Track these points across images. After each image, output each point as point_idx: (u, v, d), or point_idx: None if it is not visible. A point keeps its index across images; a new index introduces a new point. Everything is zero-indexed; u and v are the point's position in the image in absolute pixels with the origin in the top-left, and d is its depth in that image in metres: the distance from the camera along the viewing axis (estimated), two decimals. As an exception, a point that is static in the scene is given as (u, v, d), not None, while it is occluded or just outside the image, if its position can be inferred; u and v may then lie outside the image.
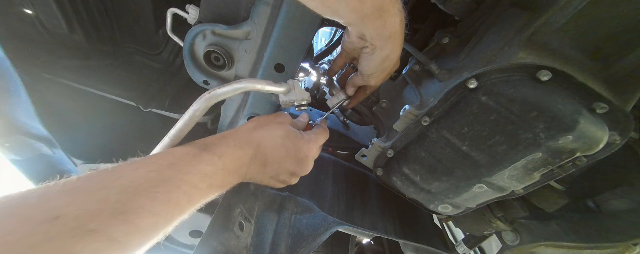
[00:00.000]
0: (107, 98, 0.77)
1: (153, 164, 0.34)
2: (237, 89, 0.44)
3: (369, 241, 1.57)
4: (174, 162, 0.35)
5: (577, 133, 0.44)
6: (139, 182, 0.30)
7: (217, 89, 0.42)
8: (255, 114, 0.71)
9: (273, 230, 0.79)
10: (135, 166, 0.32)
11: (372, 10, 0.41)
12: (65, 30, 0.76)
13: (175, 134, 0.42)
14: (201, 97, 0.42)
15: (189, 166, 0.36)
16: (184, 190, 0.34)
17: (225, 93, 0.43)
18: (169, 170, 0.34)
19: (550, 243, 0.68)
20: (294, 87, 0.49)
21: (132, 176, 0.31)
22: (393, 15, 0.43)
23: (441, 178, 0.62)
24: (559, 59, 0.48)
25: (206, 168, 0.38)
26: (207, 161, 0.38)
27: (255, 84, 0.45)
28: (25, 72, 0.63)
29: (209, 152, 0.40)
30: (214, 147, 0.41)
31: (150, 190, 0.31)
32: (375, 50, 0.49)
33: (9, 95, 0.62)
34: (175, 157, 0.36)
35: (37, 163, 0.77)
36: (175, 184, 0.33)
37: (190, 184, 0.35)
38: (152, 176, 0.32)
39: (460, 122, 0.54)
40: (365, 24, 0.43)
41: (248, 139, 0.46)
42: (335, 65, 0.65)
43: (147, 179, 0.31)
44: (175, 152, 0.38)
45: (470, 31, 0.65)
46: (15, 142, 0.70)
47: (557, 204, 0.65)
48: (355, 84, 0.61)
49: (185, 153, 0.38)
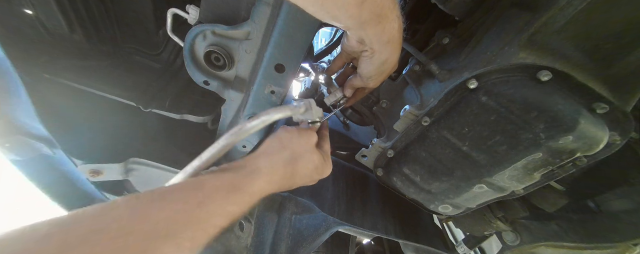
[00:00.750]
0: (107, 98, 0.77)
1: (180, 202, 0.31)
2: (265, 120, 0.44)
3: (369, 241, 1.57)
4: (203, 201, 0.33)
5: (577, 133, 0.44)
6: (164, 226, 0.28)
7: (247, 124, 0.43)
8: (256, 113, 0.71)
9: (273, 230, 0.79)
10: (160, 205, 0.30)
11: (370, 17, 0.41)
12: (65, 30, 0.76)
13: (199, 166, 0.41)
14: (230, 133, 0.42)
15: (218, 207, 0.34)
16: (208, 232, 0.33)
17: (254, 126, 0.43)
18: (197, 211, 0.32)
19: (550, 243, 0.68)
20: (310, 107, 0.50)
21: (158, 217, 0.28)
22: (391, 21, 0.44)
23: (441, 178, 0.62)
24: (559, 59, 0.48)
25: (235, 209, 0.36)
26: (237, 202, 0.37)
27: (278, 113, 0.46)
28: (25, 72, 0.63)
29: (242, 191, 0.38)
30: (247, 184, 0.39)
31: (176, 236, 0.29)
32: (374, 54, 0.50)
33: (9, 95, 0.62)
34: (205, 194, 0.34)
35: (37, 163, 0.77)
36: (201, 227, 0.32)
37: (215, 226, 0.34)
38: (179, 219, 0.30)
39: (460, 122, 0.54)
40: (364, 29, 0.44)
41: (283, 174, 0.45)
42: (334, 65, 0.66)
43: (173, 222, 0.29)
44: (204, 187, 0.35)
45: (470, 31, 0.65)
46: (15, 142, 0.70)
47: (557, 204, 0.65)
48: (354, 85, 0.62)
49: (216, 189, 0.36)
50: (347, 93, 0.65)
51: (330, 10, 0.40)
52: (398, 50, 0.51)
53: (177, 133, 0.98)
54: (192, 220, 0.31)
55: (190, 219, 0.31)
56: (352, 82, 0.62)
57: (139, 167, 0.84)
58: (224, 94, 0.70)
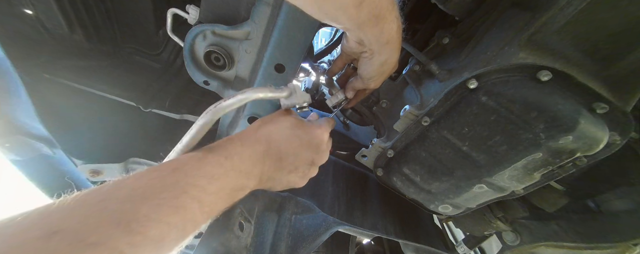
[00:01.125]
0: (107, 98, 0.77)
1: (155, 171, 0.32)
2: (241, 99, 0.43)
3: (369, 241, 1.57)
4: (177, 166, 0.34)
5: (577, 133, 0.44)
6: (141, 190, 0.29)
7: (222, 102, 0.42)
8: (256, 114, 0.71)
9: (273, 230, 0.79)
10: (137, 175, 0.31)
11: (368, 18, 0.41)
12: (65, 30, 0.76)
13: (181, 149, 0.40)
14: (207, 111, 0.42)
15: (193, 169, 0.34)
16: (191, 194, 0.32)
17: (231, 105, 0.42)
18: (172, 175, 0.32)
19: (550, 243, 0.68)
20: (294, 90, 0.49)
21: (134, 185, 0.29)
22: (390, 22, 0.44)
23: (441, 178, 0.62)
24: (559, 59, 0.48)
25: (213, 170, 0.36)
26: (213, 163, 0.37)
27: (257, 93, 0.45)
28: (25, 72, 0.63)
29: (215, 154, 0.38)
30: (219, 148, 0.39)
31: (154, 197, 0.29)
32: (373, 55, 0.50)
33: (9, 95, 0.62)
34: (179, 162, 0.35)
35: (37, 163, 0.77)
36: (180, 188, 0.31)
37: (198, 187, 0.33)
38: (155, 183, 0.30)
39: (460, 122, 0.54)
40: (363, 30, 0.44)
41: (255, 137, 0.44)
42: (335, 66, 0.66)
43: (149, 186, 0.30)
44: (179, 159, 0.36)
45: (470, 31, 0.65)
46: (15, 142, 0.70)
47: (557, 204, 0.65)
48: (355, 87, 0.62)
49: (188, 157, 0.36)
50: (349, 95, 0.65)
51: (328, 12, 0.40)
52: (397, 51, 0.51)
53: (177, 133, 0.98)
54: (168, 183, 0.31)
55: (166, 182, 0.31)
56: (353, 84, 0.62)
57: (139, 167, 0.84)
58: (224, 94, 0.70)
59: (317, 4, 0.40)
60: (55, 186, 0.83)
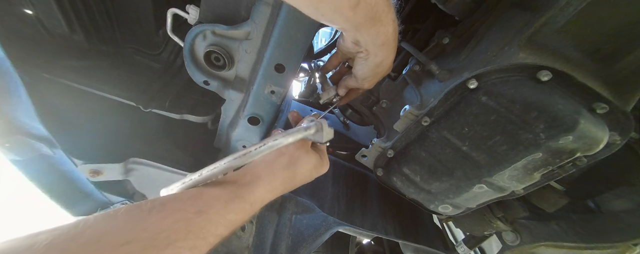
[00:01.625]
0: (107, 98, 0.77)
1: (180, 211, 0.31)
2: (272, 146, 0.43)
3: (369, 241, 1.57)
4: (202, 210, 0.33)
5: (577, 133, 0.44)
6: (165, 235, 0.28)
7: (252, 149, 0.41)
8: (256, 114, 0.71)
9: (273, 230, 0.79)
10: (160, 215, 0.30)
11: (365, 19, 0.42)
12: (65, 30, 0.76)
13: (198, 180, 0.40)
14: (235, 156, 0.40)
15: (218, 216, 0.34)
16: (209, 241, 0.32)
17: (261, 152, 0.42)
18: (197, 220, 0.32)
19: (550, 243, 0.68)
20: (321, 128, 0.49)
21: (158, 227, 0.29)
22: (386, 24, 0.45)
23: (441, 178, 0.62)
24: (559, 59, 0.48)
25: (235, 217, 0.36)
26: (237, 210, 0.37)
27: (288, 138, 0.44)
28: (25, 72, 0.63)
29: (241, 200, 0.38)
30: (247, 192, 0.39)
31: (176, 245, 0.29)
32: (368, 56, 0.51)
33: (9, 95, 0.62)
34: (205, 203, 0.34)
35: (37, 163, 0.77)
36: (201, 236, 0.31)
37: (216, 235, 0.33)
38: (179, 227, 0.30)
39: (460, 122, 0.54)
40: (359, 31, 0.45)
41: (282, 180, 0.45)
42: (329, 63, 0.67)
43: (173, 231, 0.29)
44: (204, 195, 0.35)
45: (470, 31, 0.65)
46: (15, 142, 0.70)
47: (557, 204, 0.65)
48: (348, 85, 0.63)
49: (215, 199, 0.35)
50: (341, 92, 0.66)
51: (325, 13, 0.41)
52: (393, 53, 0.51)
53: (177, 133, 0.98)
54: (192, 229, 0.31)
55: (190, 228, 0.31)
56: (346, 82, 0.63)
57: (139, 167, 0.84)
58: (224, 94, 0.70)
59: (314, 5, 0.40)
60: (55, 186, 0.83)
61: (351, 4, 0.39)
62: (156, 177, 0.86)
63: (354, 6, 0.39)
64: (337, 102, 0.68)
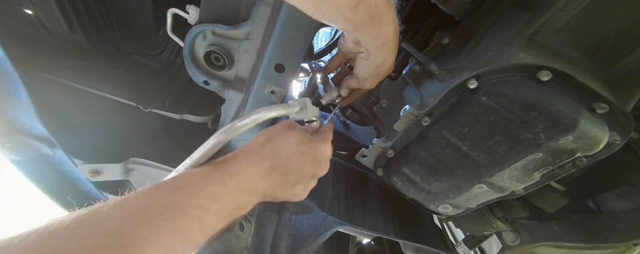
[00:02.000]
0: (107, 98, 0.77)
1: (157, 189, 0.31)
2: (255, 119, 0.43)
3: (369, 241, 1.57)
4: (179, 185, 0.33)
5: (577, 133, 0.44)
6: (142, 210, 0.28)
7: (237, 122, 0.42)
8: (255, 114, 0.71)
9: (273, 230, 0.79)
10: (139, 194, 0.30)
11: (365, 20, 0.42)
12: (65, 30, 0.76)
13: (190, 165, 0.39)
14: (221, 131, 0.41)
15: (196, 189, 0.33)
16: (192, 214, 0.31)
17: (245, 125, 0.42)
18: (174, 194, 0.31)
19: (550, 243, 0.68)
20: (305, 105, 0.49)
21: (135, 204, 0.29)
22: (386, 24, 0.44)
23: (441, 178, 0.62)
24: (559, 59, 0.48)
25: (216, 189, 0.35)
26: (217, 182, 0.35)
27: (271, 112, 0.45)
28: (25, 72, 0.63)
29: (219, 172, 0.37)
30: (225, 166, 0.38)
31: (154, 218, 0.28)
32: (369, 56, 0.50)
33: (9, 95, 0.62)
34: (182, 180, 0.34)
35: (37, 163, 0.77)
36: (182, 209, 0.30)
37: (200, 207, 0.32)
38: (156, 202, 0.30)
39: (460, 122, 0.54)
40: (359, 31, 0.45)
41: (261, 153, 0.43)
42: (330, 64, 0.66)
43: (150, 205, 0.29)
44: (182, 176, 0.35)
45: (470, 31, 0.65)
46: (15, 142, 0.70)
47: (557, 204, 0.65)
48: (350, 86, 0.63)
49: (192, 175, 0.35)
50: (343, 93, 0.65)
51: (325, 13, 0.41)
52: (394, 53, 0.51)
53: (177, 133, 0.98)
54: (168, 203, 0.30)
55: (167, 202, 0.30)
56: (348, 83, 0.62)
57: (139, 167, 0.84)
58: (224, 94, 0.70)
59: (314, 5, 0.40)
60: (55, 186, 0.83)
61: (351, 4, 0.39)
62: (156, 177, 0.86)
63: (354, 6, 0.39)
64: (339, 103, 0.68)
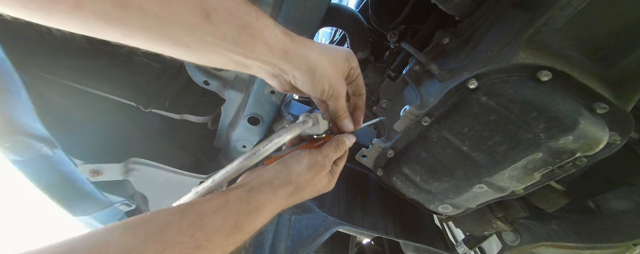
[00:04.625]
0: (107, 98, 0.77)
1: (179, 245, 0.31)
2: (277, 142, 0.44)
3: (369, 241, 1.57)
4: (202, 244, 0.33)
5: (577, 133, 0.44)
6: None
7: (260, 147, 0.42)
8: (256, 114, 0.71)
9: (272, 230, 0.79)
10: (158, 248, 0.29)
11: (234, 30, 0.33)
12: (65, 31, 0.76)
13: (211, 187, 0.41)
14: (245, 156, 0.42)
15: (217, 250, 0.34)
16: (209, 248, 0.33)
17: (268, 149, 0.43)
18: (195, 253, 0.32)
19: (550, 243, 0.68)
20: (317, 120, 0.49)
21: None
22: (267, 28, 0.36)
23: (441, 178, 0.62)
24: (559, 59, 0.48)
25: (232, 248, 0.36)
26: (237, 243, 0.37)
27: (290, 133, 0.45)
28: (25, 72, 0.63)
29: (242, 233, 0.37)
30: (248, 224, 0.39)
31: None
32: (292, 73, 0.41)
33: (9, 95, 0.62)
34: (205, 235, 0.34)
35: (37, 163, 0.77)
36: None
37: None
38: None
39: (461, 122, 0.54)
40: (242, 48, 0.35)
41: (284, 206, 0.45)
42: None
43: None
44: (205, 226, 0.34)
45: (470, 31, 0.65)
46: (15, 142, 0.70)
47: (557, 204, 0.65)
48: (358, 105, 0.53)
49: (216, 230, 0.35)
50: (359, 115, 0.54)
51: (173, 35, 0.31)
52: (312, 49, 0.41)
53: (177, 133, 0.98)
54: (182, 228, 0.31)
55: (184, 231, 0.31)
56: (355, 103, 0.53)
57: (139, 167, 0.84)
58: (224, 94, 0.70)
59: (154, 30, 0.29)
60: (55, 186, 0.83)
61: (201, 13, 0.29)
62: (156, 177, 0.86)
63: (205, 15, 0.30)
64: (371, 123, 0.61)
